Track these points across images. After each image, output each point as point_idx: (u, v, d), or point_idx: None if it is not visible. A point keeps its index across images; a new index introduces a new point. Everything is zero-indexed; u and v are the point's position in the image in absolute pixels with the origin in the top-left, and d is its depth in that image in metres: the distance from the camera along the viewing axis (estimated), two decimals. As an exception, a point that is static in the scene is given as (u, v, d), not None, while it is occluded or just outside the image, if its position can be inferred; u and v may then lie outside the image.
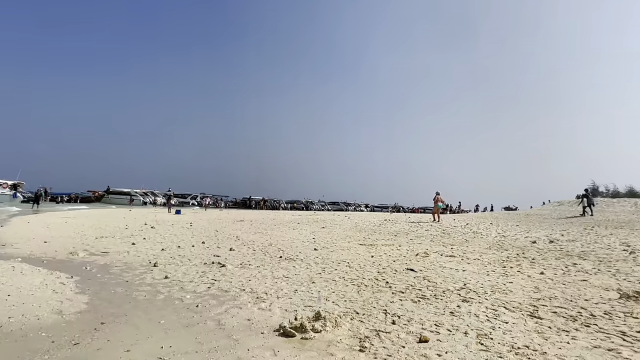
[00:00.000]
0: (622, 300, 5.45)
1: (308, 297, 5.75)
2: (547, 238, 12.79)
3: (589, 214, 22.96)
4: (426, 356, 3.52)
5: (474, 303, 5.38)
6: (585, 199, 23.36)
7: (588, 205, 23.25)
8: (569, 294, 5.88)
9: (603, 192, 46.49)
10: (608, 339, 3.93)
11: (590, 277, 7.07)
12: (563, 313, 4.87)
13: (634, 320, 4.55)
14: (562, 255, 9.45)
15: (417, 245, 11.80)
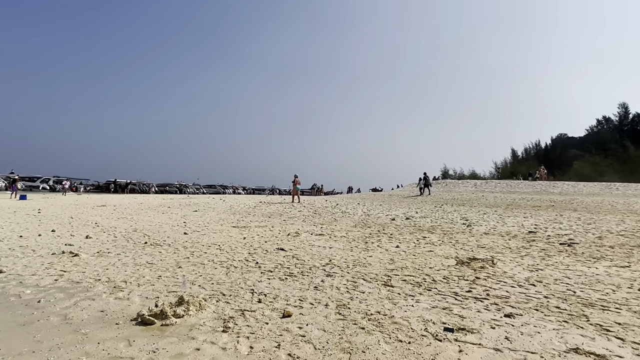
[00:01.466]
0: (457, 266, 6.62)
1: (173, 282, 5.58)
2: (404, 215, 14.61)
3: (427, 193, 27.33)
4: (288, 330, 3.77)
5: (336, 277, 5.90)
6: (423, 181, 27.84)
7: (425, 186, 27.69)
8: (418, 263, 6.88)
9: (452, 174, 54.78)
10: (444, 300, 4.76)
11: (436, 247, 8.38)
12: (411, 280, 5.70)
13: (464, 282, 5.59)
14: (415, 230, 10.94)
15: (289, 225, 12.27)
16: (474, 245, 8.59)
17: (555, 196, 23.63)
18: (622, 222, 11.81)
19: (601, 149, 60.37)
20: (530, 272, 6.24)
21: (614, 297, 4.90)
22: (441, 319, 4.03)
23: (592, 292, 5.12)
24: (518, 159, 69.51)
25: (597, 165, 53.62)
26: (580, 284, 5.49)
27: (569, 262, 6.95)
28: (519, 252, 7.88)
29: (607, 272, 6.19)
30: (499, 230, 10.82)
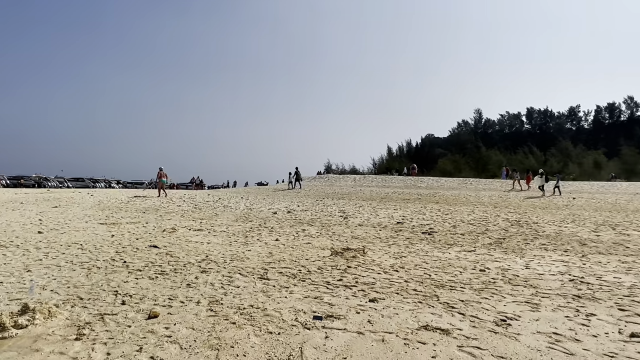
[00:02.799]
0: (332, 256, 6.96)
1: (18, 289, 4.86)
2: (286, 209, 14.87)
3: (297, 187, 28.63)
4: (153, 331, 3.56)
5: (212, 273, 5.75)
6: (294, 175, 29.14)
7: (296, 181, 28.99)
8: (295, 255, 7.06)
9: (334, 169, 57.43)
10: (316, 289, 4.96)
11: (314, 239, 8.70)
12: (287, 272, 5.82)
13: (337, 271, 5.91)
14: (295, 223, 11.21)
15: (166, 221, 11.57)
16: (348, 236, 9.11)
17: (422, 190, 26.24)
18: (473, 212, 13.65)
19: (460, 149, 68.85)
20: (395, 259, 6.84)
21: (460, 277, 5.63)
22: (312, 308, 4.20)
23: (444, 274, 5.81)
24: (393, 155, 75.56)
25: (457, 163, 60.98)
26: (435, 268, 6.19)
27: (428, 249, 7.79)
28: (387, 241, 8.59)
29: (457, 257, 7.08)
30: (371, 221, 11.65)
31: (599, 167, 50.23)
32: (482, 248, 7.90)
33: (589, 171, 48.14)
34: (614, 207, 16.30)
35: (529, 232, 9.72)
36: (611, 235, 9.30)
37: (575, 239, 8.90)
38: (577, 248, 7.91)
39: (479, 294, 4.84)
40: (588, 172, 47.78)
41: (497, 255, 7.26)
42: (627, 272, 6.07)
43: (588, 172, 47.78)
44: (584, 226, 10.69)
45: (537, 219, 12.12)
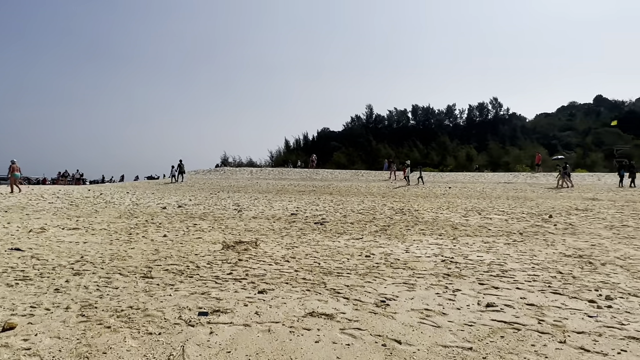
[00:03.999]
0: (223, 250, 6.80)
1: None
2: (177, 203, 14.15)
3: (181, 180, 28.11)
4: (7, 345, 3.12)
5: (87, 275, 5.23)
6: (178, 168, 28.50)
7: (179, 173, 28.45)
8: (184, 251, 6.75)
9: (231, 162, 56.27)
10: (204, 285, 4.80)
11: (205, 234, 8.41)
12: (174, 269, 5.54)
13: (227, 265, 5.79)
14: (186, 218, 10.72)
15: (34, 220, 10.20)
16: (242, 230, 8.99)
17: (317, 182, 26.97)
18: (362, 203, 14.41)
19: (353, 142, 72.19)
20: (287, 250, 6.92)
21: (347, 264, 5.90)
22: (198, 304, 4.05)
23: (332, 262, 6.03)
24: (290, 148, 76.44)
25: (351, 156, 63.81)
26: (325, 256, 6.40)
27: (320, 238, 8.03)
28: (280, 233, 8.66)
29: (346, 244, 7.41)
30: (266, 214, 11.64)
31: (471, 159, 56.47)
32: (369, 235, 8.37)
33: (462, 163, 53.86)
34: (481, 194, 18.49)
35: (411, 219, 10.57)
36: (477, 219, 10.53)
37: (448, 223, 9.91)
38: (449, 232, 8.80)
39: (363, 278, 5.13)
40: (462, 164, 53.45)
41: (382, 241, 7.76)
42: (488, 250, 6.93)
43: (462, 164, 53.45)
44: (456, 212, 11.95)
45: (418, 207, 13.24)
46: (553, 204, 14.08)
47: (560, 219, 10.53)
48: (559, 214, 11.51)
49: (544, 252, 6.85)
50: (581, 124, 78.60)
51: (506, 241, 7.78)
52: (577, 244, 7.53)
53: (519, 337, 3.29)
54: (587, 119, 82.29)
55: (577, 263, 6.06)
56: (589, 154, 57.92)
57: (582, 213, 11.70)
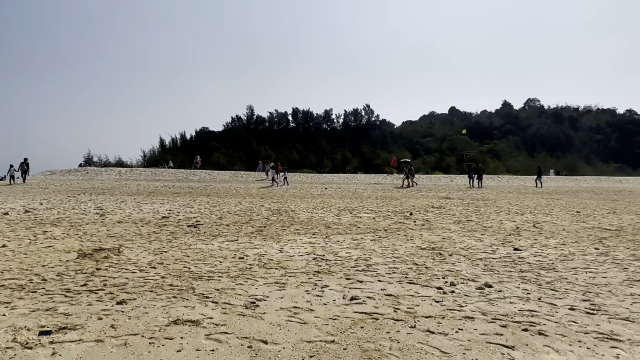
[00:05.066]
0: (78, 259, 6.07)
1: None
2: (23, 208, 12.27)
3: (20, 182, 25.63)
4: None
5: None
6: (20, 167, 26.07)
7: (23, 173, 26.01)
8: (28, 263, 5.85)
9: (97, 162, 50.90)
10: (50, 300, 4.20)
11: (57, 242, 7.41)
12: (12, 284, 4.75)
13: (82, 276, 5.17)
14: (35, 225, 9.33)
15: None
16: (103, 235, 8.15)
17: (194, 183, 25.87)
18: (240, 204, 14.23)
19: (233, 143, 71.00)
20: (155, 255, 6.46)
21: (219, 267, 5.74)
22: (40, 323, 3.53)
23: (204, 266, 5.81)
24: (165, 148, 72.15)
25: (230, 157, 62.69)
26: (196, 260, 6.13)
27: (192, 241, 7.68)
28: (149, 237, 8.06)
29: (220, 247, 7.21)
30: (133, 217, 10.75)
31: (347, 162, 59.86)
32: (245, 237, 8.28)
33: (338, 165, 56.79)
34: (354, 195, 19.70)
35: (287, 220, 10.75)
36: (349, 218, 11.17)
37: (322, 223, 10.31)
38: (323, 230, 9.17)
39: (235, 280, 5.03)
40: (338, 166, 56.34)
41: (257, 242, 7.73)
42: (356, 247, 7.38)
43: (338, 166, 56.34)
44: (330, 212, 12.51)
45: (295, 207, 13.54)
46: (414, 203, 15.63)
47: (419, 216, 11.73)
48: (418, 211, 12.81)
49: (404, 246, 7.54)
50: (439, 131, 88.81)
51: (372, 238, 8.37)
52: (432, 238, 8.45)
53: (377, 326, 3.55)
54: (444, 127, 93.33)
55: (430, 255, 6.79)
56: (444, 158, 65.78)
57: (437, 210, 13.20)
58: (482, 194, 21.52)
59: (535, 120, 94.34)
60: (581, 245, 7.98)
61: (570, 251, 7.39)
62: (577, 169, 61.68)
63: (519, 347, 3.16)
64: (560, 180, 44.68)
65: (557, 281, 5.29)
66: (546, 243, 8.15)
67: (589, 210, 14.35)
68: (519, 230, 9.70)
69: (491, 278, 5.34)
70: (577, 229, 10.01)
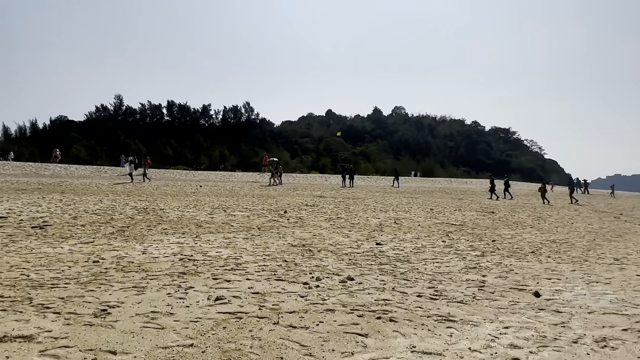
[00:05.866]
0: None
1: None
2: None
3: None
4: None
5: None
6: None
7: None
8: None
9: None
10: None
11: None
12: None
13: None
14: None
15: None
16: None
17: (45, 179, 22.67)
18: (100, 202, 12.87)
19: (98, 135, 64.13)
20: (-18, 262, 5.46)
21: (68, 273, 5.08)
22: None
23: (47, 272, 5.09)
24: (10, 137, 62.29)
25: (94, 150, 56.54)
26: (39, 266, 5.35)
27: (36, 245, 6.68)
28: (-24, 241, 6.79)
29: (70, 250, 6.40)
30: (-42, 218, 8.96)
31: (225, 159, 58.53)
32: (103, 238, 7.50)
33: (216, 162, 55.23)
34: (230, 192, 19.31)
35: (154, 219, 10.04)
36: (222, 217, 10.89)
37: (194, 222, 9.87)
38: (193, 230, 8.77)
39: (85, 287, 4.51)
40: (216, 163, 54.78)
41: (117, 244, 7.06)
42: (227, 246, 7.22)
43: (216, 163, 54.78)
44: (203, 210, 12.06)
45: (165, 205, 12.74)
46: (290, 201, 15.93)
47: (293, 214, 11.99)
48: (292, 209, 13.09)
49: (275, 244, 7.62)
50: (316, 133, 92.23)
51: (245, 236, 8.29)
52: (303, 235, 8.69)
53: (240, 325, 3.50)
54: (321, 128, 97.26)
55: (300, 252, 6.97)
56: (320, 159, 68.54)
57: (310, 208, 13.66)
58: (353, 193, 22.92)
59: (401, 126, 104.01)
60: (432, 239, 8.99)
61: (422, 244, 8.27)
62: (434, 172, 69.66)
63: (371, 335, 3.40)
64: (419, 181, 49.99)
65: (409, 272, 5.87)
66: (404, 237, 9.00)
67: (440, 208, 16.28)
68: (382, 226, 10.55)
69: (354, 271, 5.69)
70: (430, 225, 11.27)
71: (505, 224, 12.54)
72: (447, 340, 3.36)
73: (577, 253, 8.17)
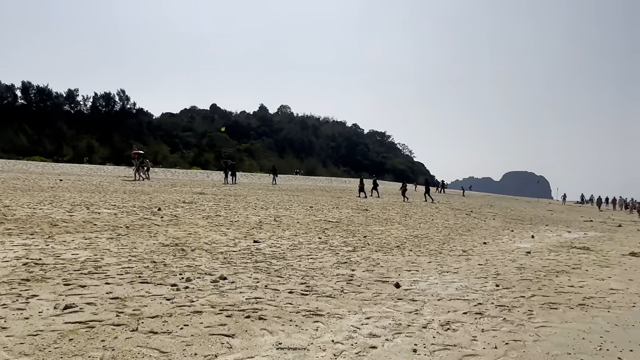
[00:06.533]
0: None
1: None
2: None
3: None
4: None
5: None
6: None
7: None
8: None
9: None
10: None
11: None
12: None
13: None
14: None
15: None
16: None
17: None
18: None
19: None
20: None
21: None
22: None
23: None
24: None
25: None
26: None
27: None
28: None
29: None
30: None
31: (92, 151, 52.82)
32: None
33: (83, 154, 49.61)
34: (97, 188, 17.46)
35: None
36: (84, 215, 9.77)
37: (47, 220, 8.67)
38: (46, 230, 7.70)
39: None
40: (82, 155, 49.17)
41: (-60, 247, 5.86)
42: (87, 247, 6.48)
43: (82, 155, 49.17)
44: (61, 207, 10.67)
45: (11, 202, 10.98)
46: (166, 198, 15.00)
47: (167, 212, 11.29)
48: (167, 206, 12.33)
49: (145, 243, 7.08)
50: (199, 127, 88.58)
51: (110, 236, 7.55)
52: (177, 234, 8.24)
53: (91, 335, 3.14)
54: (205, 122, 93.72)
55: (171, 251, 6.58)
56: (203, 154, 66.07)
57: (188, 205, 13.03)
58: (235, 190, 22.51)
59: (286, 125, 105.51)
60: (309, 236, 9.25)
61: (299, 241, 8.46)
62: (316, 171, 72.13)
63: (238, 335, 3.34)
64: (301, 179, 51.27)
65: (284, 268, 5.94)
66: (282, 235, 9.10)
67: (319, 206, 16.87)
68: (262, 223, 10.53)
69: (228, 270, 5.56)
70: (308, 222, 11.59)
71: (376, 220, 13.50)
72: (312, 334, 3.45)
73: (434, 246, 9.16)
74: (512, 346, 3.51)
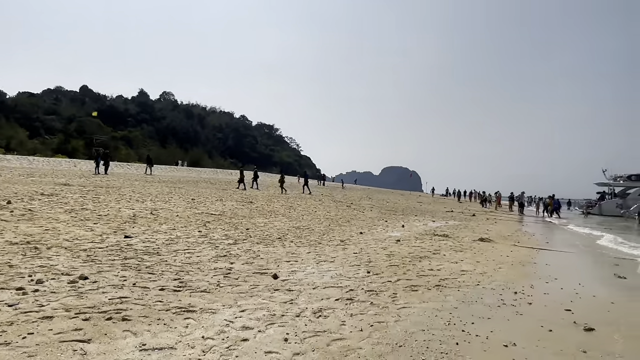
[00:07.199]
0: None
1: None
2: None
3: None
4: None
5: None
6: None
7: None
8: None
9: None
10: None
11: None
12: None
13: None
14: None
15: None
16: None
17: None
18: None
19: None
20: None
21: None
22: None
23: None
24: None
25: None
26: None
27: None
28: None
29: None
30: None
31: None
32: None
33: None
34: None
35: None
36: None
37: None
38: None
39: None
40: None
41: None
42: None
43: None
44: None
45: None
46: (19, 189, 13.04)
47: (20, 205, 9.82)
48: (20, 199, 10.72)
49: (-14, 242, 6.05)
50: (66, 110, 78.68)
51: (-62, 234, 6.30)
52: (31, 230, 7.22)
53: None
54: (73, 106, 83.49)
55: (21, 250, 5.74)
56: (70, 141, 58.95)
57: (47, 198, 11.50)
58: (108, 181, 20.51)
59: (169, 112, 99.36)
60: (188, 229, 8.86)
61: (177, 235, 8.05)
62: (201, 162, 69.32)
63: (96, 339, 3.05)
64: (184, 170, 48.87)
65: (157, 264, 5.59)
66: (158, 229, 8.56)
67: (202, 198, 16.25)
68: (136, 217, 9.77)
69: (90, 269, 5.04)
70: (189, 215, 11.09)
71: (261, 213, 13.48)
72: (181, 332, 3.31)
73: (315, 237, 9.47)
74: (376, 327, 3.79)
